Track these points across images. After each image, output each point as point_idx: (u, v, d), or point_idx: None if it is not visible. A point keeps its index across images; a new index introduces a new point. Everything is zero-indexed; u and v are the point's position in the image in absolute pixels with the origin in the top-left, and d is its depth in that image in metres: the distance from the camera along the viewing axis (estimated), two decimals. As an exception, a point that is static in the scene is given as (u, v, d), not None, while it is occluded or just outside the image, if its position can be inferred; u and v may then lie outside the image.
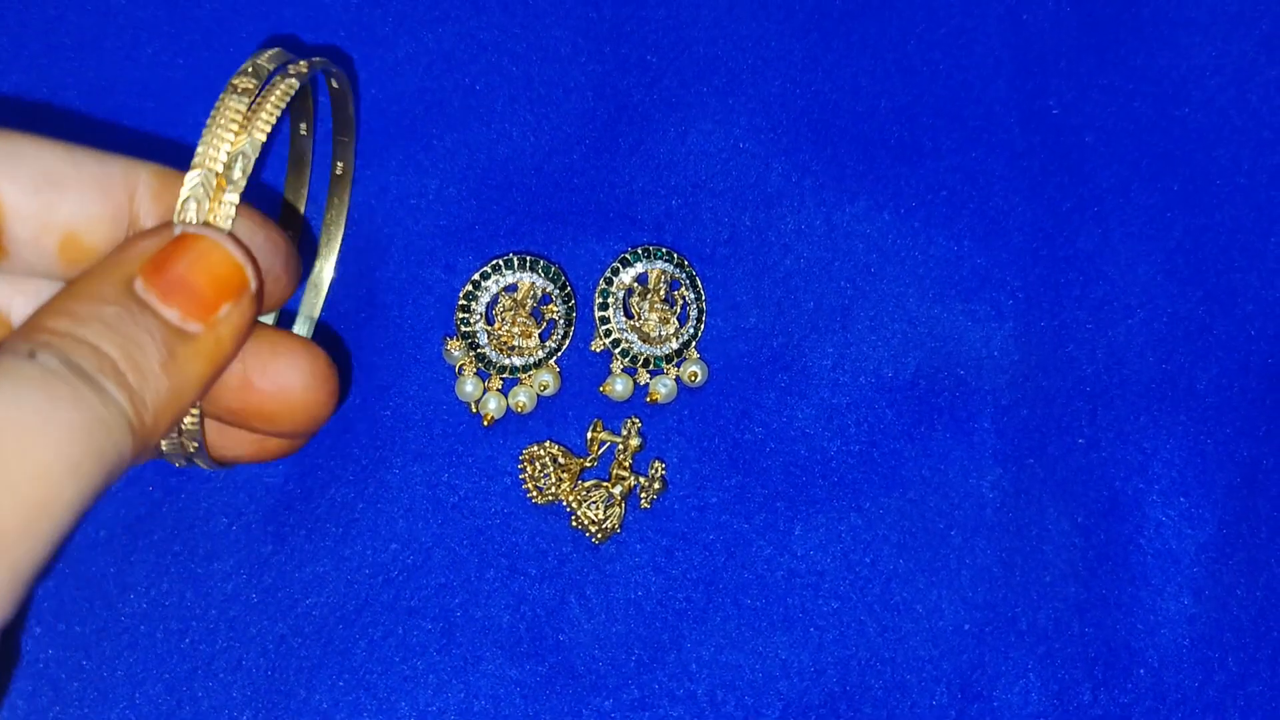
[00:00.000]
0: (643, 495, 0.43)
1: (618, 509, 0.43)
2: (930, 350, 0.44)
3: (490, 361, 0.43)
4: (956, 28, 0.47)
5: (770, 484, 0.43)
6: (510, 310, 0.44)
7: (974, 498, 0.44)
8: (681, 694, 0.42)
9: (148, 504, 0.42)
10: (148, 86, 0.46)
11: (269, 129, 0.31)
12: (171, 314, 0.29)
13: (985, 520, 0.43)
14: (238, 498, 0.43)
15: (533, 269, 0.43)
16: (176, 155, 0.45)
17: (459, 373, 0.43)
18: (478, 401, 0.43)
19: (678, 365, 0.44)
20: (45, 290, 0.32)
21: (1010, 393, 0.44)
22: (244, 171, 0.31)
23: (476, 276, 0.43)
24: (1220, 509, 0.44)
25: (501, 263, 0.44)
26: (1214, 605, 0.43)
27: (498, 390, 0.43)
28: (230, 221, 0.31)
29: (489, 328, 0.44)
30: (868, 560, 0.43)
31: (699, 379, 0.44)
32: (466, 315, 0.43)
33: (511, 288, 0.44)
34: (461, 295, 0.43)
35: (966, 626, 0.43)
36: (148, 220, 0.32)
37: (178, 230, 0.30)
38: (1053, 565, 0.43)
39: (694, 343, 0.44)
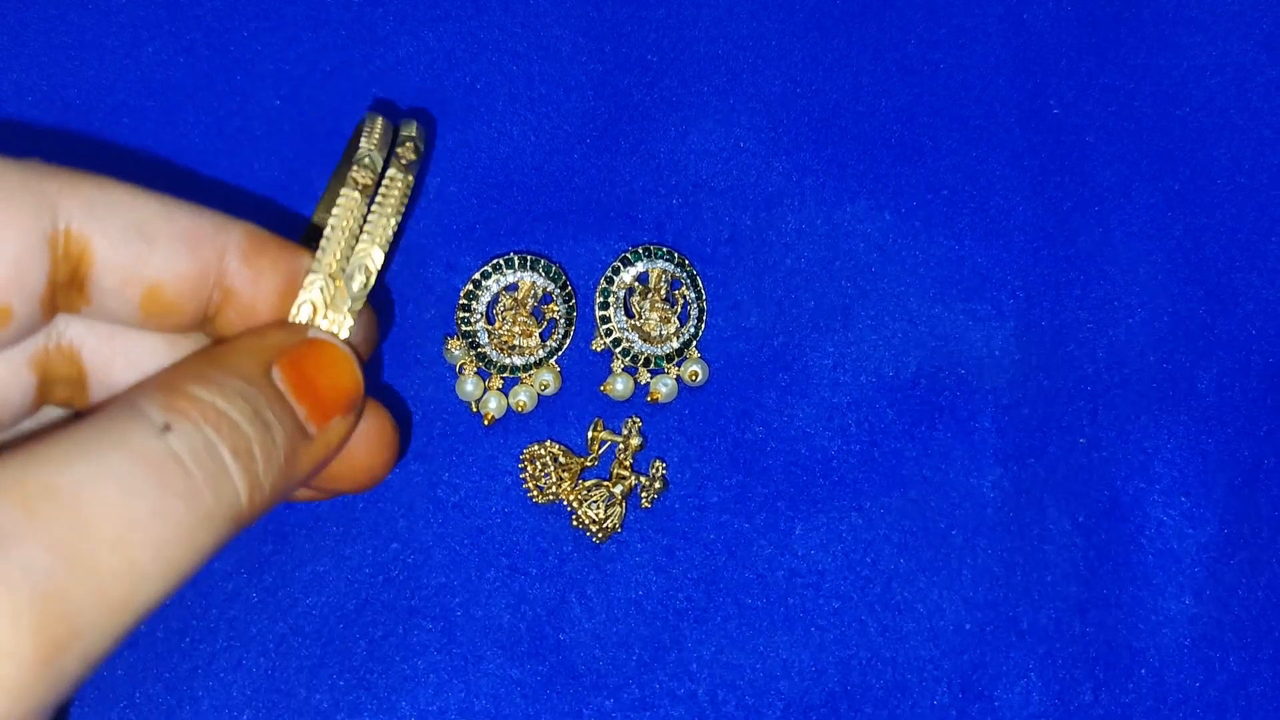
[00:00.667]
0: (643, 495, 0.43)
1: (618, 508, 0.43)
2: (931, 350, 0.44)
3: (491, 361, 0.43)
4: (957, 27, 0.47)
5: (771, 483, 0.43)
6: (511, 309, 0.44)
7: (975, 497, 0.44)
8: (682, 693, 0.42)
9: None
10: (148, 85, 0.46)
11: (391, 236, 0.31)
12: (300, 410, 0.29)
13: (986, 520, 0.43)
14: (238, 497, 0.43)
15: (533, 268, 0.43)
16: (177, 157, 0.45)
17: (459, 372, 0.43)
18: (478, 401, 0.43)
19: (678, 364, 0.44)
20: (119, 334, 0.32)
21: (1011, 392, 0.44)
22: (365, 287, 0.31)
23: (477, 275, 0.43)
24: (1221, 508, 0.44)
25: (502, 262, 0.44)
26: (1215, 605, 0.43)
27: (498, 390, 0.43)
28: (347, 332, 0.31)
29: (490, 327, 0.44)
30: (868, 560, 0.43)
31: (700, 378, 0.44)
32: (467, 315, 0.43)
33: (512, 287, 0.44)
34: (462, 294, 0.43)
35: (967, 626, 0.43)
36: (235, 280, 0.31)
37: (311, 334, 0.31)
38: (1054, 565, 0.43)
39: (694, 342, 0.44)
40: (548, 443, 0.43)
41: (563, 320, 0.44)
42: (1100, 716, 0.42)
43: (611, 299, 0.44)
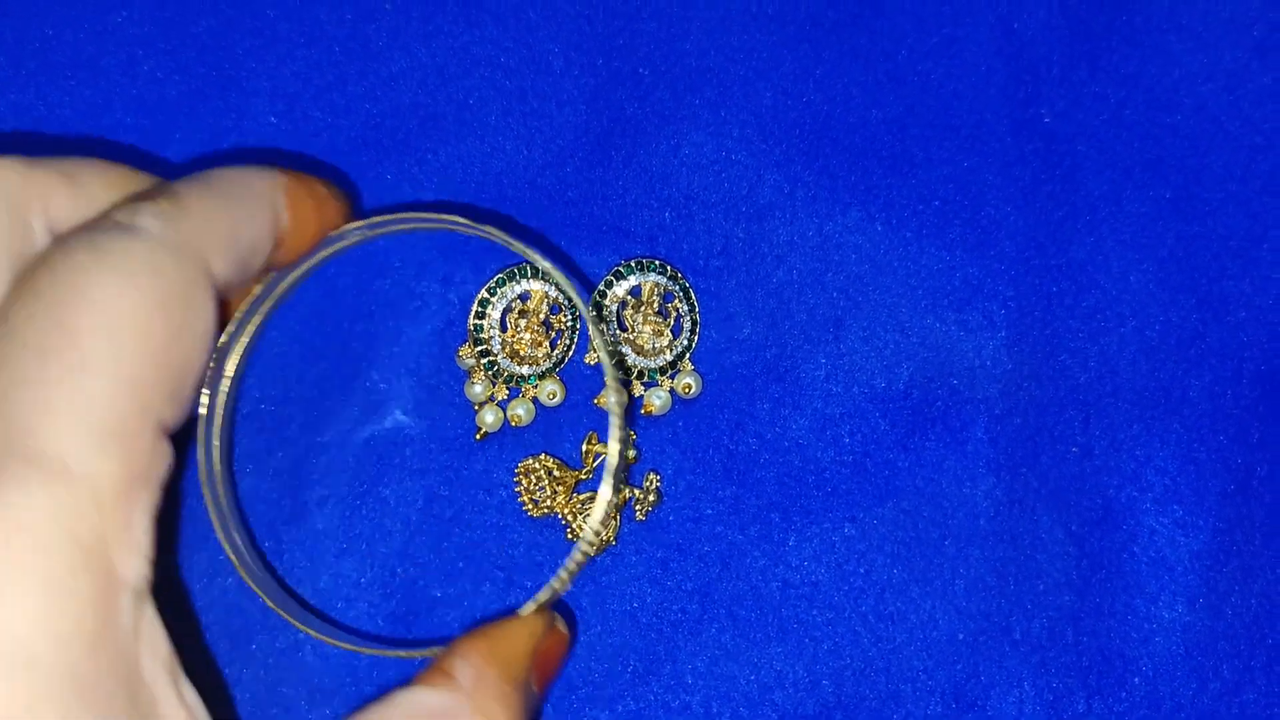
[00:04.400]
0: (637, 507, 0.43)
1: (613, 521, 0.43)
2: (923, 360, 0.45)
3: (500, 369, 0.43)
4: (948, 37, 0.47)
5: (765, 495, 0.44)
6: (522, 318, 0.44)
7: (967, 507, 0.44)
8: (677, 705, 0.42)
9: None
10: (144, 104, 0.46)
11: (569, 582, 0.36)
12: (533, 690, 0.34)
13: (979, 529, 0.44)
14: (235, 513, 0.43)
15: (544, 278, 0.44)
16: (173, 174, 0.45)
17: (470, 376, 0.44)
18: (482, 405, 0.43)
19: (672, 377, 0.44)
20: None
21: (1003, 402, 0.44)
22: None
23: (492, 283, 0.44)
24: (1214, 516, 0.44)
25: (516, 270, 0.44)
26: (1208, 613, 0.43)
27: (496, 404, 0.44)
28: None
29: (502, 335, 0.44)
30: (862, 570, 0.43)
31: (693, 391, 0.44)
32: (481, 322, 0.43)
33: (524, 296, 0.44)
34: (476, 302, 0.44)
35: (960, 636, 0.43)
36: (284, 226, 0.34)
37: (562, 627, 0.36)
38: (1046, 574, 0.43)
39: (688, 354, 0.44)
40: (542, 456, 0.43)
41: (568, 331, 0.44)
42: (1094, 725, 0.43)
43: (605, 312, 0.44)
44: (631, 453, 0.43)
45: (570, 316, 0.44)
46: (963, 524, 0.44)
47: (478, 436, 0.44)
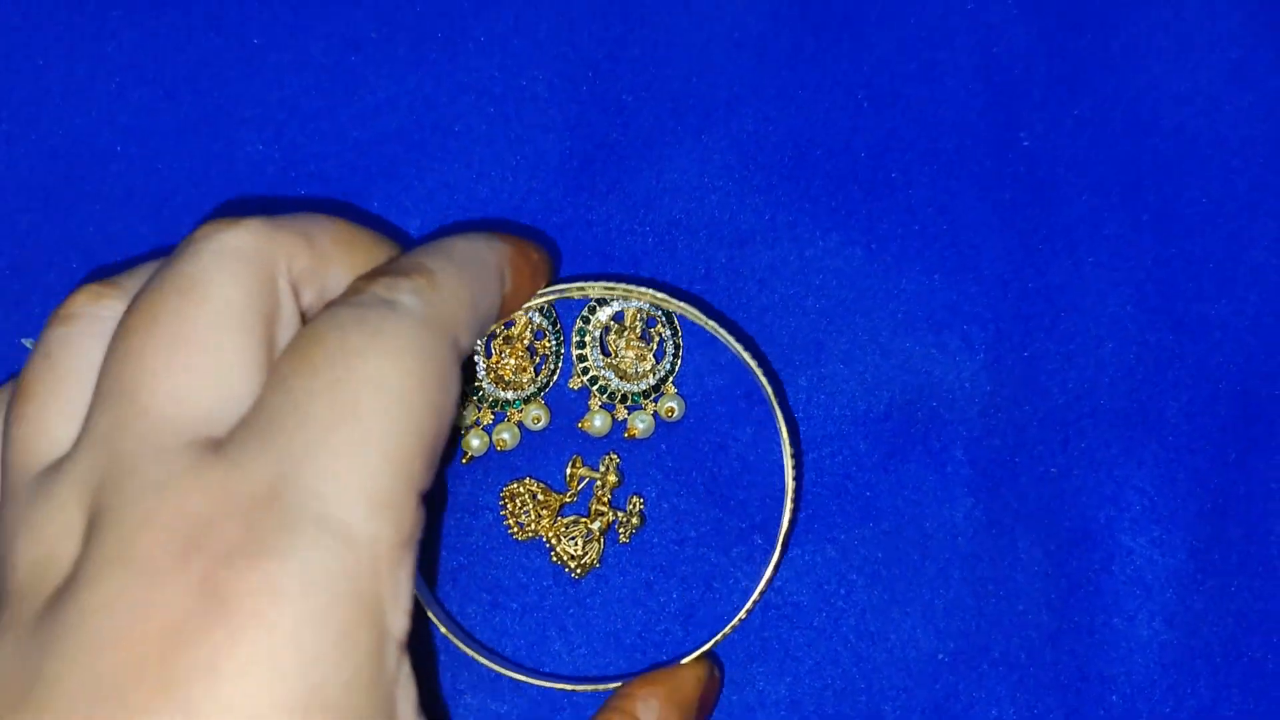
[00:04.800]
0: (621, 530, 0.44)
1: (596, 544, 0.44)
2: (903, 383, 0.45)
3: (485, 395, 0.44)
4: (928, 61, 0.47)
5: (747, 517, 0.44)
6: (507, 344, 0.44)
7: (947, 528, 0.44)
8: (660, 726, 0.43)
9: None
10: (132, 133, 0.46)
11: None
12: None
13: (958, 550, 0.44)
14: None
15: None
16: (162, 202, 0.46)
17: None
18: (467, 429, 0.44)
19: (655, 401, 0.45)
20: None
21: (982, 424, 0.45)
22: None
23: None
24: (1190, 536, 0.44)
25: None
26: (1185, 631, 0.44)
27: (481, 429, 0.44)
28: None
29: (487, 360, 0.44)
30: (842, 591, 0.44)
31: (676, 414, 0.44)
32: None
33: (508, 322, 0.45)
34: None
35: (940, 656, 0.44)
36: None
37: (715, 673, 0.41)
38: (1025, 594, 0.44)
39: (670, 378, 0.45)
40: (527, 480, 0.44)
41: (552, 356, 0.45)
42: (1072, 743, 0.43)
43: (588, 338, 0.45)
44: (615, 476, 0.44)
45: (555, 342, 0.45)
46: (942, 545, 0.44)
47: (463, 461, 0.44)
